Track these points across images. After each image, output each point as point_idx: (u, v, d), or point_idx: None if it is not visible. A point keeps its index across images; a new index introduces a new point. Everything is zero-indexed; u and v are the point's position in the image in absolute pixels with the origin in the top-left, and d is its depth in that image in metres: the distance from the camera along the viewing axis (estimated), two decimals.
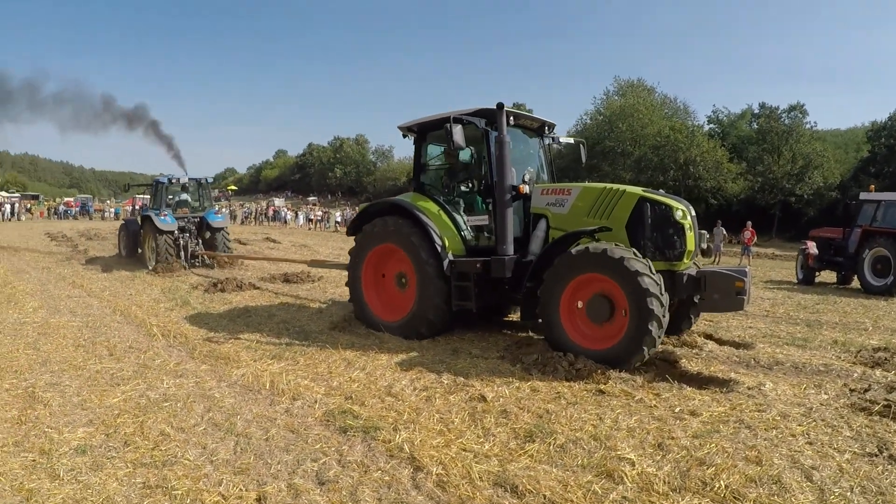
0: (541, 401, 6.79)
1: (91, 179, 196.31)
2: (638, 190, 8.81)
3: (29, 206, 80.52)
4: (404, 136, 11.08)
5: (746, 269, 8.40)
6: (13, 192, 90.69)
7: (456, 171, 10.58)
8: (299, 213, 64.05)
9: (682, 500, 4.55)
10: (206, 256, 21.18)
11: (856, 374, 7.80)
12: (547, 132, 11.10)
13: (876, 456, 5.27)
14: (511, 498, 4.66)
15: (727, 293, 8.00)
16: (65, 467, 5.23)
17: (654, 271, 7.64)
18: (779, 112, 55.79)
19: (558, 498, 4.59)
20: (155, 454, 5.52)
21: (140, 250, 21.80)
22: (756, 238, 29.83)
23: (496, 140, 8.92)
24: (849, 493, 4.60)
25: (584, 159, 13.03)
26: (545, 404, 6.66)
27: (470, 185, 10.55)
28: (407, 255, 9.99)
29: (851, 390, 7.13)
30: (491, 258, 9.21)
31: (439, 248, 9.54)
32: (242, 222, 66.50)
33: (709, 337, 9.93)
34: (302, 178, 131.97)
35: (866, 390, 7.05)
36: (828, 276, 21.37)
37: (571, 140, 12.39)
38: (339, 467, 5.27)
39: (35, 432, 6.03)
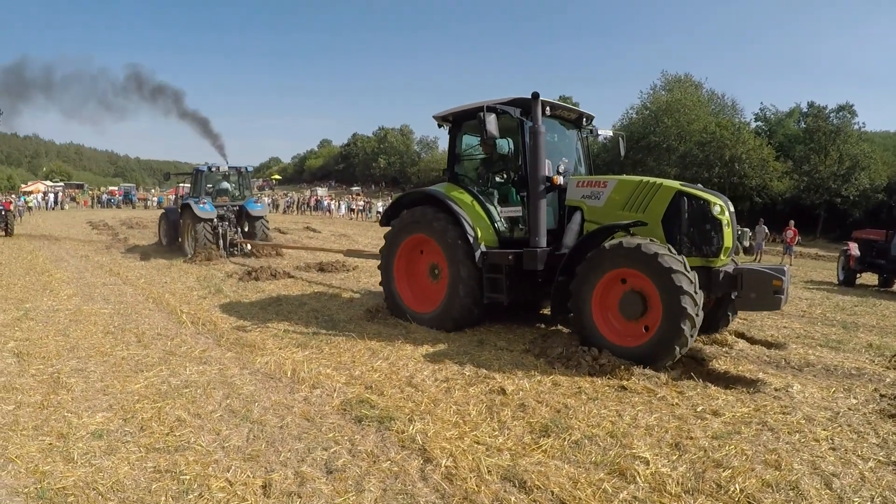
0: (561, 395, 6.69)
1: (136, 168, 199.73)
2: (675, 184, 8.55)
3: (73, 195, 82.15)
4: (440, 125, 10.92)
5: (785, 268, 8.13)
6: (57, 182, 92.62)
7: (492, 161, 10.41)
8: (341, 202, 64.08)
9: (695, 502, 4.42)
10: (244, 245, 21.32)
11: (888, 379, 7.50)
12: (585, 124, 10.89)
13: None
14: (518, 493, 4.58)
15: (764, 292, 7.72)
16: (80, 451, 5.29)
17: (689, 269, 7.43)
18: (827, 112, 54.88)
19: (566, 495, 4.49)
20: (168, 440, 5.55)
21: (180, 239, 22.06)
22: (798, 237, 29.21)
23: (530, 130, 8.76)
24: None
25: (622, 152, 12.88)
26: (565, 399, 6.56)
27: (505, 175, 10.40)
28: (439, 245, 9.89)
29: (882, 395, 6.83)
30: (523, 250, 9.08)
31: (471, 239, 9.43)
32: (285, 211, 67.07)
33: (741, 335, 9.71)
34: (346, 167, 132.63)
35: None
36: (870, 278, 20.79)
37: (610, 132, 12.18)
38: (348, 457, 5.25)
39: (55, 417, 6.10)
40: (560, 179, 9.36)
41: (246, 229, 22.07)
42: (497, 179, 10.42)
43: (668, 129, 57.20)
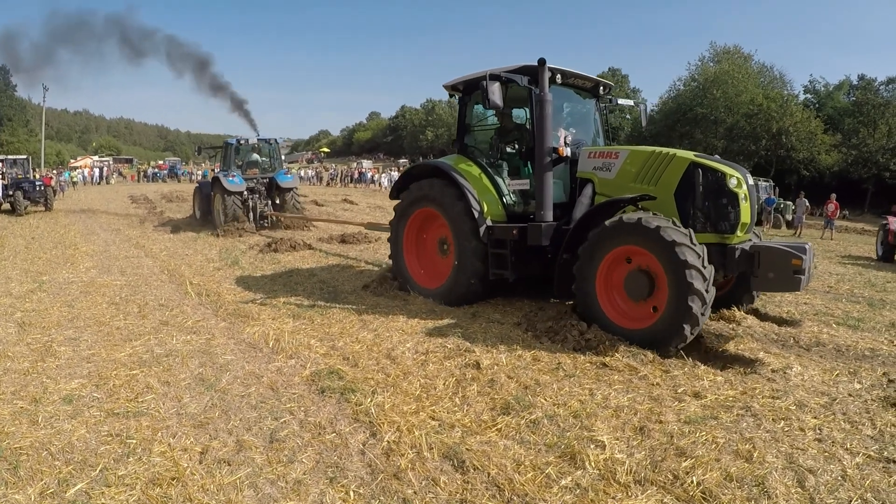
0: (537, 371, 6.42)
1: (186, 142, 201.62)
2: (689, 154, 8.04)
3: (121, 169, 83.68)
4: (451, 95, 10.53)
5: (807, 246, 7.47)
6: (104, 157, 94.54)
7: (506, 131, 10.01)
8: (384, 175, 63.81)
9: (642, 494, 4.09)
10: (274, 217, 21.38)
11: None
12: (603, 93, 10.36)
13: (893, 462, 4.52)
14: (453, 473, 4.37)
15: (783, 271, 7.16)
16: (47, 414, 5.46)
17: (694, 241, 6.95)
18: (876, 84, 53.23)
19: (503, 478, 4.25)
20: (130, 405, 5.64)
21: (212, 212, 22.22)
22: (843, 211, 28.32)
23: (537, 98, 8.36)
24: None
25: (644, 122, 12.42)
26: (539, 375, 6.29)
27: (516, 146, 9.97)
28: (446, 219, 9.62)
29: (890, 381, 6.22)
30: (528, 224, 8.75)
31: (476, 214, 9.08)
32: (328, 184, 67.32)
33: (753, 312, 9.19)
34: (394, 140, 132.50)
35: None
36: None
37: (631, 102, 11.67)
38: (296, 427, 5.19)
39: (35, 382, 6.26)
40: (567, 150, 8.92)
41: (277, 201, 22.10)
42: (508, 150, 10.01)
43: (715, 100, 55.85)
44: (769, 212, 30.70)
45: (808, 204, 29.11)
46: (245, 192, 20.78)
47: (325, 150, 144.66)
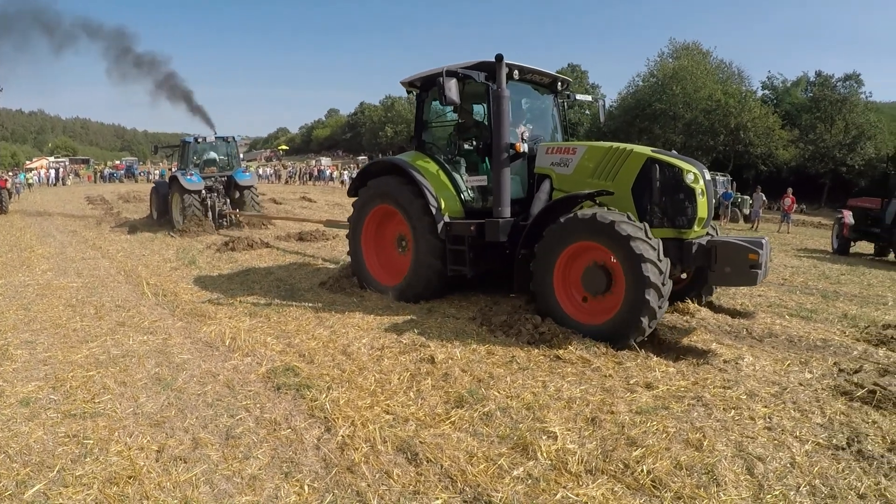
0: (491, 364, 6.49)
1: (143, 141, 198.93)
2: (646, 150, 8.12)
3: (77, 170, 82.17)
4: (408, 91, 10.56)
5: (763, 241, 7.56)
6: (60, 158, 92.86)
7: (465, 128, 10.01)
8: (344, 172, 63.41)
9: (593, 483, 4.16)
10: (233, 215, 21.21)
11: (855, 353, 7.11)
12: (561, 88, 10.41)
13: (842, 450, 4.63)
14: (406, 465, 4.42)
15: (739, 266, 7.25)
16: (3, 417, 5.42)
17: (649, 235, 7.03)
18: (834, 81, 53.83)
19: (455, 470, 4.30)
20: (87, 406, 5.61)
21: (170, 212, 21.92)
22: (800, 206, 28.85)
23: (494, 95, 8.35)
24: (792, 493, 4.02)
25: (602, 118, 12.61)
26: (493, 368, 6.35)
27: (474, 143, 9.96)
28: (404, 216, 9.60)
29: (840, 370, 6.40)
30: (485, 221, 8.76)
31: (434, 210, 9.07)
32: (287, 182, 66.85)
33: (707, 304, 9.33)
34: (353, 137, 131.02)
35: (856, 371, 6.32)
36: (866, 247, 20.23)
37: (589, 97, 11.80)
38: (251, 424, 5.20)
39: None
40: (523, 146, 8.96)
41: (235, 199, 21.88)
42: (465, 147, 10.01)
43: (674, 96, 56.21)
44: (726, 206, 31.16)
45: (764, 198, 29.57)
46: (203, 191, 20.53)
47: (284, 147, 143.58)
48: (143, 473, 4.38)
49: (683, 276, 8.59)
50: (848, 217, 19.48)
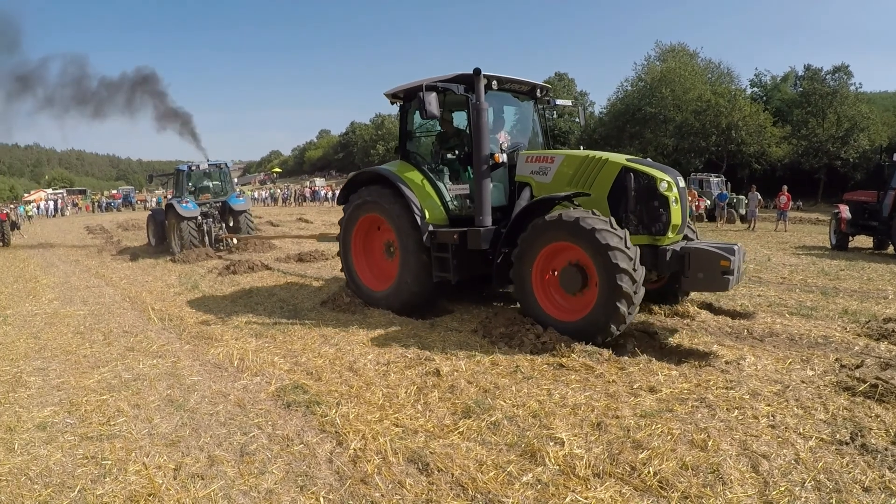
0: (496, 375, 6.59)
1: (138, 170, 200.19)
2: (621, 158, 8.31)
3: (76, 201, 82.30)
4: (392, 103, 10.72)
5: (736, 247, 7.75)
6: (57, 189, 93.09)
7: (447, 137, 10.27)
8: (338, 191, 63.76)
9: (602, 486, 4.25)
10: (229, 239, 21.39)
11: (856, 348, 7.23)
12: (541, 95, 10.60)
13: (845, 444, 4.70)
14: (418, 475, 4.51)
15: (712, 272, 7.44)
16: (22, 442, 5.52)
17: (628, 245, 7.21)
18: (822, 74, 53.36)
19: (467, 478, 4.39)
20: (103, 429, 5.71)
21: (167, 239, 22.11)
22: (797, 203, 28.88)
23: (473, 106, 8.54)
24: (797, 489, 4.09)
25: (582, 121, 13.10)
26: (498, 378, 6.45)
27: (457, 152, 10.21)
28: (390, 224, 9.83)
29: (842, 366, 6.51)
30: (468, 229, 8.93)
31: (418, 219, 9.29)
32: (284, 203, 67.01)
33: (706, 306, 9.50)
34: (345, 156, 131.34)
35: (858, 367, 6.41)
36: (865, 241, 20.26)
37: (569, 102, 11.91)
38: (265, 440, 5.28)
39: (8, 412, 6.26)
40: (503, 157, 9.15)
41: (231, 224, 22.14)
42: (448, 156, 10.25)
43: (663, 99, 56.23)
44: (722, 207, 31.22)
45: (760, 197, 29.48)
46: (199, 217, 20.76)
47: (277, 170, 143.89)
48: (163, 491, 4.47)
49: (654, 278, 8.74)
50: (845, 212, 19.53)
